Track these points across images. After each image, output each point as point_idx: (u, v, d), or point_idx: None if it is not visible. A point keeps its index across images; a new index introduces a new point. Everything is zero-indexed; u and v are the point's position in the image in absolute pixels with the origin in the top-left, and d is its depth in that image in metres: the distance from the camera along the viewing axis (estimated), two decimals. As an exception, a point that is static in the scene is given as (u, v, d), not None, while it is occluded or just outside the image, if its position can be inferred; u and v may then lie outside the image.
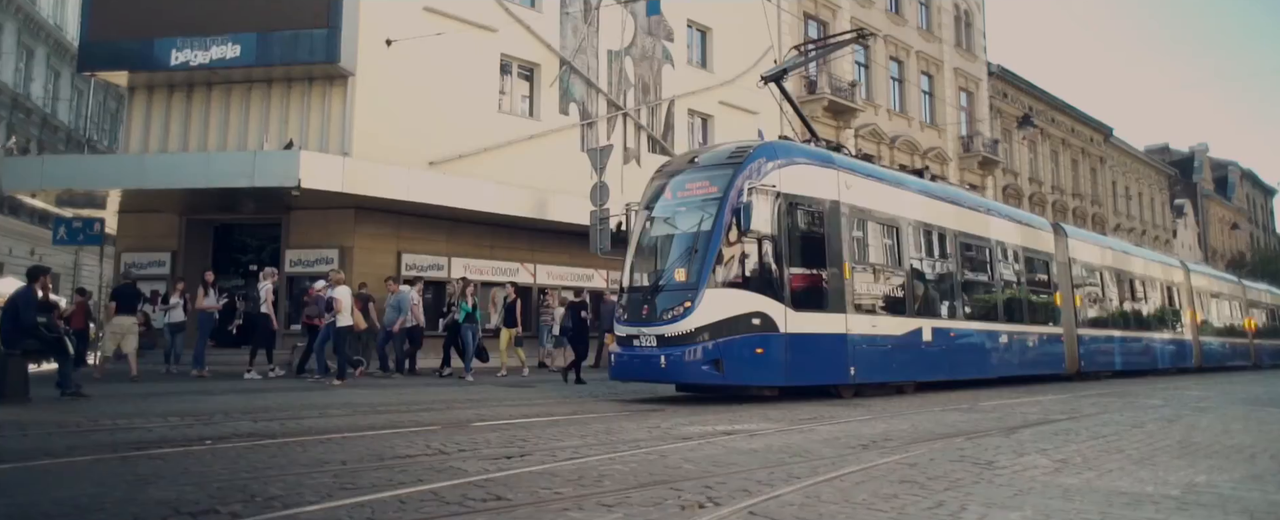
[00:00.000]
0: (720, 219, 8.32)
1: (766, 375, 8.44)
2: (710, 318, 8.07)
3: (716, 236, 8.31)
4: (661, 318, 8.33)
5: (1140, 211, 43.11)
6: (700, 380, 8.34)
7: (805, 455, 4.66)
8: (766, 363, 8.29)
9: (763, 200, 8.30)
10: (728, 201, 8.34)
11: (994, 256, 12.33)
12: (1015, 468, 4.25)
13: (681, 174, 9.21)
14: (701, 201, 8.66)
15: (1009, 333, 12.25)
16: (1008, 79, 32.73)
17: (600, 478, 3.86)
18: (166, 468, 4.13)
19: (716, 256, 8.25)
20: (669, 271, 8.66)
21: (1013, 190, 31.40)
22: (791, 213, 8.75)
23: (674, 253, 8.79)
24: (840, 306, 9.03)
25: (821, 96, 22.92)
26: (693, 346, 8.08)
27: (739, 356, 8.13)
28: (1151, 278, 18.24)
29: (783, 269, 8.53)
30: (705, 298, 8.13)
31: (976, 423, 6.69)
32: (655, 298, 8.56)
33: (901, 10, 27.75)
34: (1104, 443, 5.35)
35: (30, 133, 26.42)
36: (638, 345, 8.54)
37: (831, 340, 8.89)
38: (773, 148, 9.12)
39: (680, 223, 8.86)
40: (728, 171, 8.63)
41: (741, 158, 8.74)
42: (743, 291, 8.30)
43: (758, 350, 8.20)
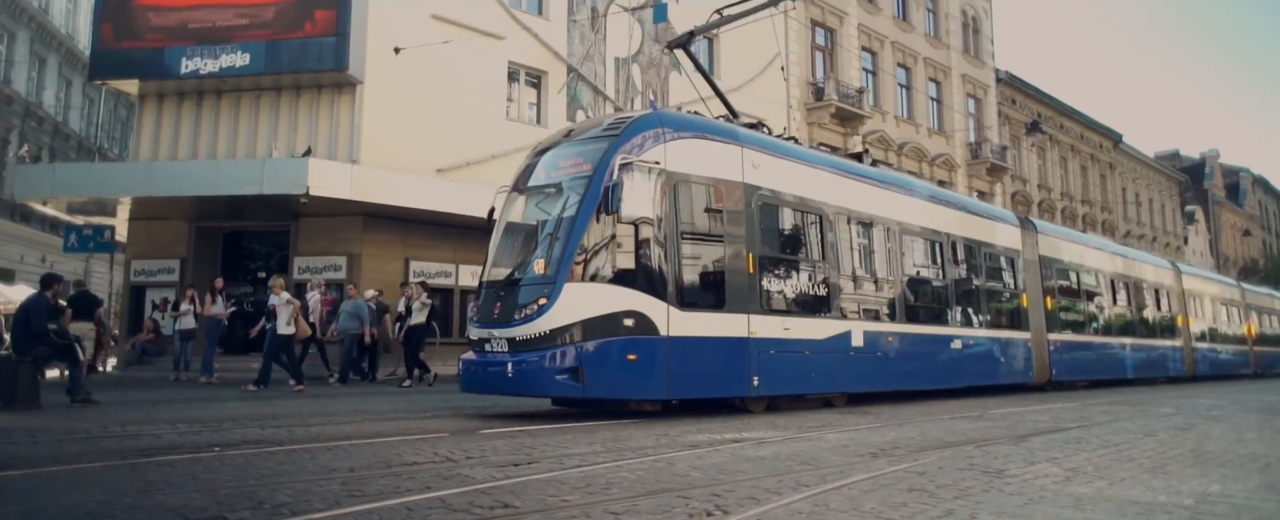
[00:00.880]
0: (587, 201, 7.11)
1: (641, 387, 7.21)
2: (569, 318, 6.87)
3: (581, 222, 7.08)
4: (513, 318, 7.12)
5: (1150, 218, 42.87)
6: (554, 393, 7.19)
7: (813, 463, 4.63)
8: (641, 372, 7.05)
9: (643, 179, 7.19)
10: (598, 181, 7.10)
11: (947, 252, 11.10)
12: (1025, 476, 4.21)
13: (553, 149, 7.99)
14: (570, 181, 7.43)
15: (964, 337, 11.05)
16: (1016, 85, 32.66)
17: (608, 485, 3.85)
18: (175, 474, 4.13)
19: (580, 245, 7.03)
20: (526, 264, 7.42)
21: (1021, 197, 31.28)
22: (681, 195, 7.50)
23: (532, 242, 7.59)
24: (743, 306, 7.77)
25: (829, 103, 22.92)
26: (547, 352, 6.89)
27: (604, 364, 6.90)
28: (1138, 279, 17.03)
29: (667, 261, 7.28)
30: (564, 294, 6.90)
31: (986, 430, 6.64)
32: (509, 294, 7.32)
33: (909, 17, 27.75)
34: (1115, 451, 5.31)
35: (42, 141, 26.64)
36: (489, 350, 7.34)
37: (729, 346, 7.64)
38: (658, 118, 7.85)
39: (546, 206, 7.63)
40: (602, 146, 7.40)
41: (619, 129, 7.55)
42: (612, 287, 7.08)
43: (629, 357, 6.97)
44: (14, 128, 25.09)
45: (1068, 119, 35.95)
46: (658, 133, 7.54)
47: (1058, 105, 35.23)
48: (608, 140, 7.47)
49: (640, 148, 7.36)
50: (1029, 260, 13.09)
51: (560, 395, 7.27)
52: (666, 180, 7.40)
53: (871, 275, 9.76)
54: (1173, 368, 17.52)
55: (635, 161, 7.21)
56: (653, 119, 7.80)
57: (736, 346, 7.70)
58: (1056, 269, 13.95)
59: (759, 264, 8.03)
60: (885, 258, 10.01)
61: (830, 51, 24.56)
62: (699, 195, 7.77)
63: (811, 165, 9.27)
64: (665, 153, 7.45)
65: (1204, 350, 19.59)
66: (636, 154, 7.28)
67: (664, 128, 7.64)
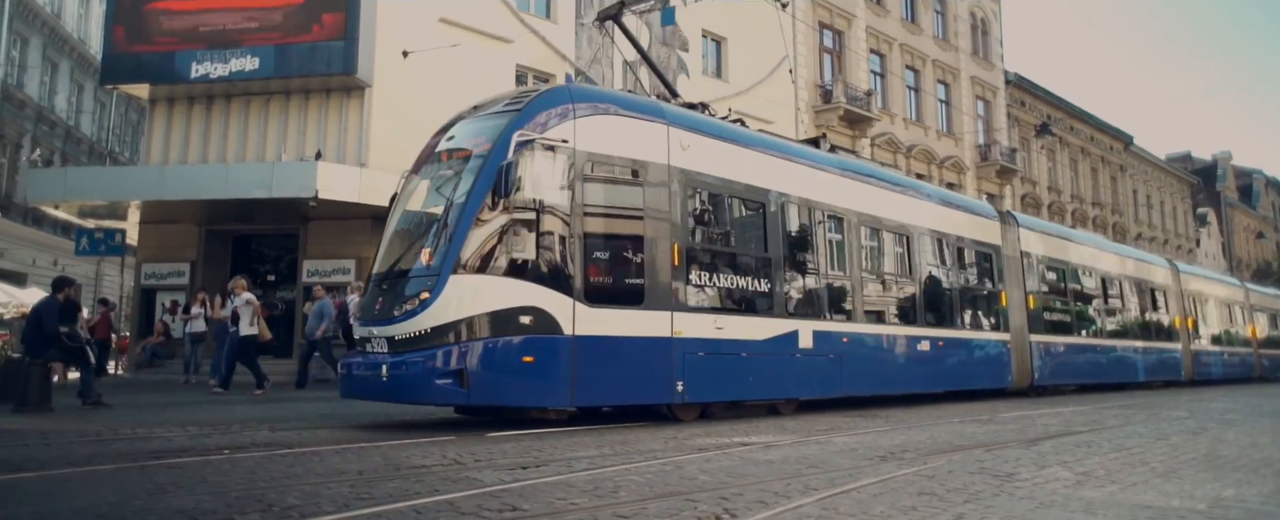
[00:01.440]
0: (480, 183, 6.38)
1: (540, 392, 6.50)
2: (454, 314, 6.15)
3: (472, 207, 6.34)
4: (393, 314, 6.41)
5: (1162, 221, 42.60)
6: (435, 399, 6.37)
7: (822, 466, 4.61)
8: (540, 376, 6.34)
9: (547, 159, 6.50)
10: (494, 160, 6.37)
11: (914, 246, 10.30)
12: (1036, 480, 4.18)
13: (456, 125, 7.35)
14: (466, 161, 6.75)
15: (933, 338, 10.19)
16: (1025, 87, 32.52)
17: (616, 489, 3.84)
18: (185, 476, 4.15)
19: (471, 233, 6.28)
20: (413, 253, 6.70)
21: (1031, 199, 31.14)
22: (593, 177, 6.80)
23: (423, 229, 6.87)
24: (665, 302, 7.02)
25: (837, 106, 22.88)
26: (428, 353, 6.14)
27: (494, 367, 6.19)
28: (1132, 278, 16.13)
29: (574, 251, 6.53)
30: (449, 287, 6.16)
31: (996, 434, 6.60)
32: (392, 288, 6.64)
33: (918, 19, 27.68)
34: (1127, 455, 5.27)
35: (54, 145, 26.84)
36: (369, 351, 6.66)
37: (649, 346, 6.89)
38: (568, 91, 7.12)
39: (441, 189, 6.94)
40: (501, 122, 6.71)
41: (521, 104, 6.84)
42: (507, 280, 6.29)
43: (525, 359, 6.26)
44: (27, 132, 25.30)
45: (1078, 121, 35.77)
46: (567, 108, 6.78)
47: (1068, 107, 35.06)
48: (508, 116, 6.73)
49: (545, 124, 6.61)
50: (1009, 256, 12.27)
51: (442, 401, 6.45)
52: (576, 161, 6.64)
53: (823, 270, 8.95)
54: (1170, 372, 16.77)
55: (538, 139, 6.46)
56: (562, 92, 7.05)
57: (657, 347, 6.95)
58: (1041, 266, 13.16)
59: (686, 256, 7.30)
60: (840, 251, 9.21)
61: (838, 54, 24.52)
62: (616, 177, 7.03)
63: (753, 148, 8.40)
64: (575, 130, 6.70)
65: (1205, 353, 18.77)
66: (540, 131, 6.53)
67: (575, 102, 6.89)
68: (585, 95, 7.24)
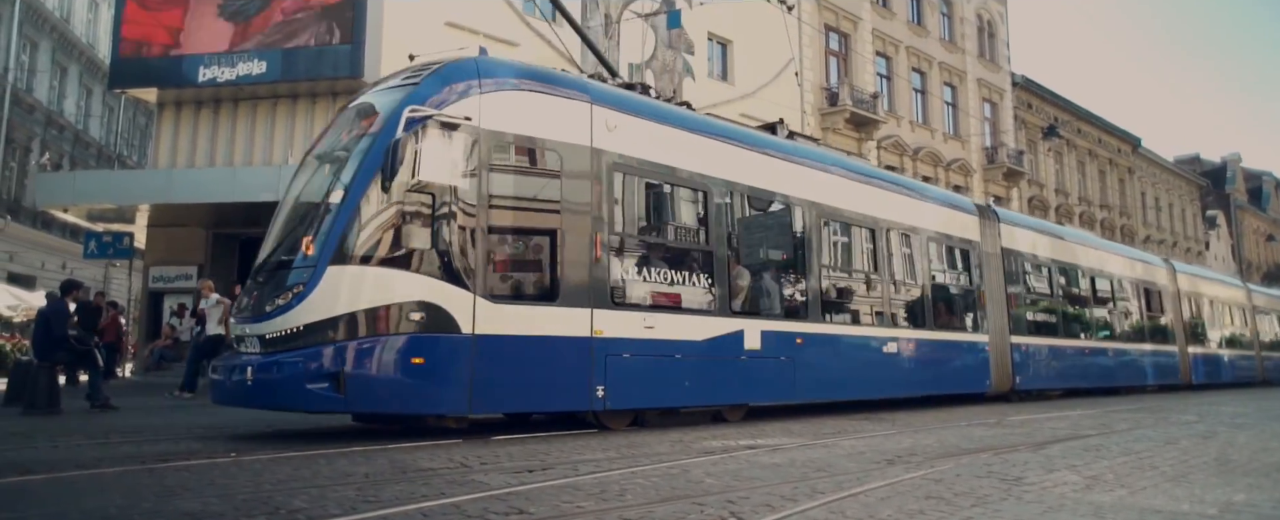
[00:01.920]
0: (367, 165, 5.83)
1: (431, 398, 5.86)
2: (331, 309, 5.55)
3: (356, 190, 5.79)
4: (265, 310, 5.81)
5: (1171, 223, 42.40)
6: (306, 405, 5.68)
7: (829, 470, 4.60)
8: (431, 379, 5.75)
9: (445, 138, 5.92)
10: (382, 139, 5.82)
11: (882, 241, 9.66)
12: (1044, 484, 4.16)
13: (354, 102, 6.87)
14: (356, 140, 6.18)
15: (902, 340, 9.60)
16: (1032, 89, 32.44)
17: (622, 492, 3.83)
18: (193, 479, 4.16)
19: (353, 220, 5.72)
20: (294, 243, 6.02)
21: (1038, 201, 31.03)
22: (500, 159, 6.21)
23: (305, 216, 6.22)
24: (585, 298, 6.41)
25: (843, 108, 22.85)
26: (300, 353, 5.55)
27: (377, 369, 5.61)
28: (1124, 277, 15.43)
29: (476, 241, 5.94)
30: (327, 279, 5.58)
31: (1004, 438, 6.57)
32: (268, 282, 6.07)
33: (924, 21, 27.65)
34: (1136, 459, 5.23)
35: (63, 149, 27.01)
36: (242, 351, 6.07)
37: (563, 347, 6.29)
38: (475, 64, 6.39)
39: (330, 172, 6.33)
40: (396, 97, 6.17)
41: (419, 78, 6.29)
42: (394, 271, 5.75)
43: (414, 360, 5.66)
44: (36, 136, 25.46)
45: (1085, 123, 35.65)
46: (471, 83, 6.16)
47: (1075, 109, 34.94)
48: (404, 90, 6.20)
49: (445, 100, 6.03)
50: (988, 253, 11.56)
51: (315, 407, 5.75)
52: (480, 141, 6.04)
53: (775, 265, 8.38)
54: (1165, 375, 16.12)
55: (435, 116, 5.90)
56: (467, 65, 6.36)
57: (573, 348, 6.34)
58: (1023, 264, 12.44)
59: (611, 248, 6.67)
60: (796, 245, 8.55)
61: (844, 56, 24.50)
62: (529, 160, 6.43)
63: (693, 131, 7.73)
64: (480, 106, 6.10)
65: (1203, 356, 18.11)
66: (438, 107, 5.96)
67: (482, 76, 6.23)
68: (495, 69, 6.45)
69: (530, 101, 6.50)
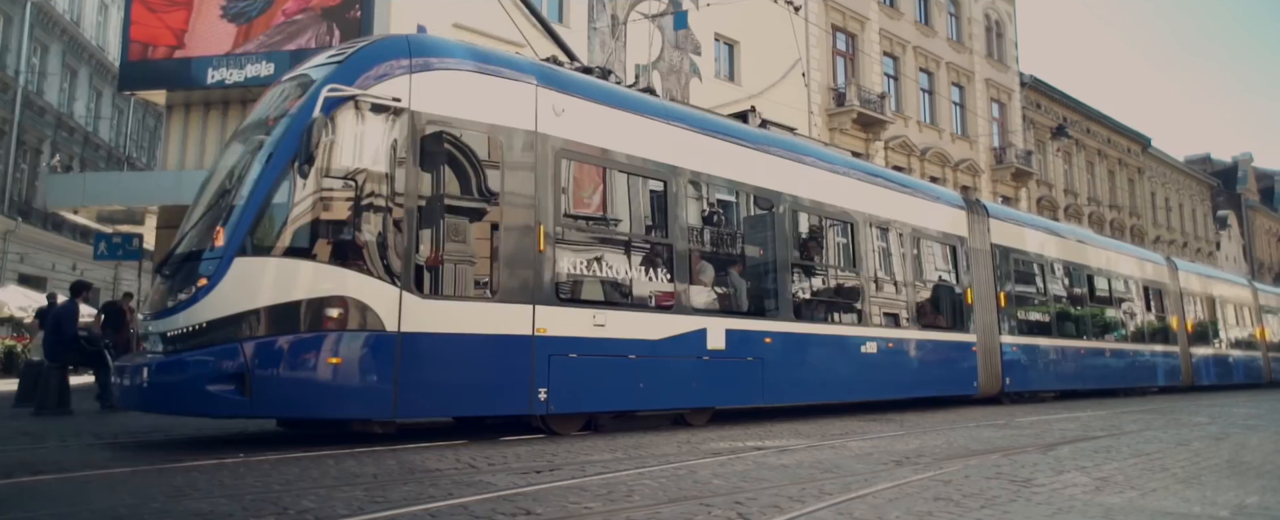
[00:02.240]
0: (281, 149, 5.41)
1: (350, 401, 5.40)
2: (237, 304, 5.13)
3: (268, 176, 5.38)
4: (168, 305, 5.41)
5: (1181, 223, 42.15)
6: (210, 409, 5.26)
7: (837, 471, 4.59)
8: (350, 380, 5.34)
9: (370, 120, 5.53)
10: (299, 121, 5.40)
11: (861, 236, 9.23)
12: (1053, 486, 4.14)
13: (282, 80, 6.48)
14: (276, 121, 5.75)
15: (882, 339, 9.16)
16: (1041, 89, 32.30)
17: (629, 493, 3.83)
18: (202, 479, 4.18)
19: (265, 208, 5.32)
20: (204, 233, 5.58)
21: (1047, 201, 30.89)
22: (434, 145, 5.80)
23: (217, 204, 5.74)
24: (526, 293, 6.01)
25: (850, 109, 22.80)
26: (202, 352, 5.12)
27: (288, 369, 5.18)
28: (1123, 275, 14.96)
29: (404, 232, 5.53)
30: (233, 272, 5.17)
31: (1012, 439, 6.54)
32: (174, 274, 5.62)
33: (931, 21, 27.56)
34: (1147, 461, 5.20)
35: (73, 151, 27.19)
36: (147, 350, 5.68)
37: (501, 346, 5.88)
38: (407, 42, 6.00)
39: (246, 157, 5.82)
40: (320, 75, 5.75)
41: (344, 56, 5.89)
42: (310, 264, 5.32)
43: (331, 360, 5.26)
44: (46, 138, 25.64)
45: (1094, 123, 35.48)
46: (402, 62, 5.76)
47: (1084, 109, 34.78)
48: (329, 69, 5.78)
49: (372, 79, 5.63)
50: (977, 249, 11.13)
51: (219, 412, 5.30)
52: (411, 124, 5.64)
53: (742, 260, 7.93)
54: (1165, 376, 15.69)
55: (360, 97, 5.51)
56: (397, 42, 6.00)
57: (512, 348, 5.92)
58: (1014, 260, 12.01)
59: (556, 240, 6.27)
60: (765, 239, 8.12)
61: (852, 56, 24.44)
62: (465, 146, 6.01)
63: (652, 117, 7.31)
64: (412, 87, 5.70)
65: (1206, 356, 17.60)
66: (364, 87, 5.57)
67: (414, 55, 5.83)
68: (429, 47, 6.04)
69: (468, 82, 6.06)
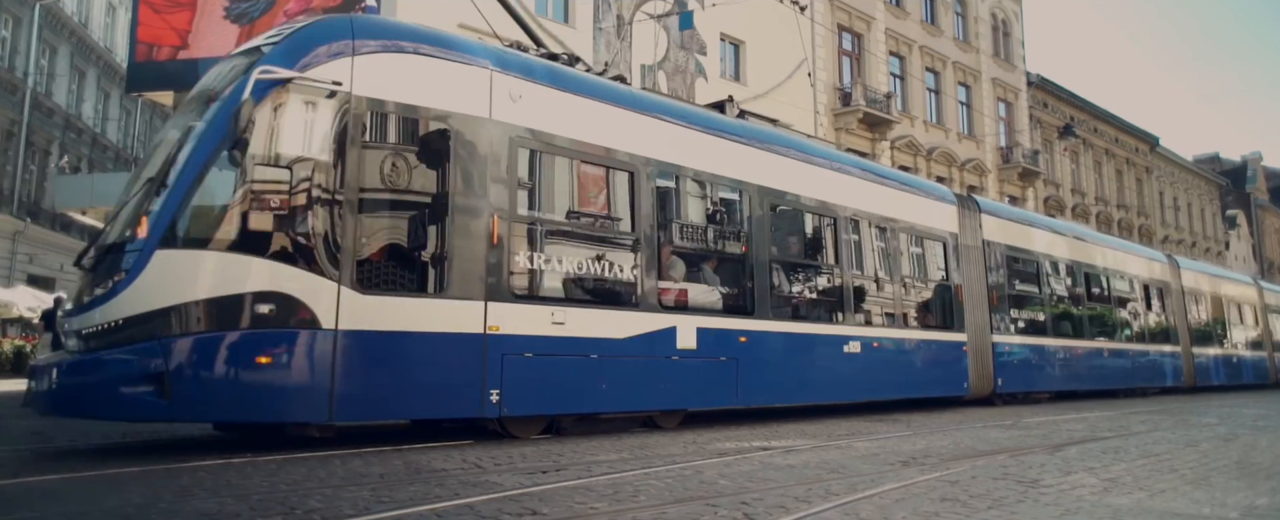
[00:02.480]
0: (209, 134, 5.12)
1: (281, 404, 5.06)
2: (157, 299, 4.80)
3: (194, 164, 5.06)
4: (84, 301, 5.09)
5: (1190, 223, 41.95)
6: (126, 413, 5.04)
7: (843, 472, 4.57)
8: (280, 381, 5.02)
9: (307, 105, 5.25)
10: (229, 105, 5.12)
11: (843, 231, 8.87)
12: (1061, 486, 4.12)
13: (223, 59, 6.16)
14: (207, 105, 5.39)
15: (866, 339, 8.81)
16: (1048, 89, 32.19)
17: (635, 493, 3.83)
18: (209, 479, 4.19)
19: (188, 197, 4.99)
20: (123, 222, 5.27)
21: (1054, 201, 30.78)
22: (377, 131, 5.53)
23: (144, 192, 5.31)
24: (478, 289, 5.70)
25: (856, 109, 22.76)
26: (118, 351, 4.80)
27: (213, 370, 4.87)
28: (1122, 272, 14.61)
29: (343, 223, 5.22)
30: (154, 265, 4.85)
31: (1020, 440, 6.52)
32: (95, 268, 5.26)
33: (938, 21, 27.49)
34: (1156, 461, 5.17)
35: (81, 152, 27.34)
36: (65, 348, 5.30)
37: (449, 345, 5.58)
38: (349, 23, 5.66)
39: (175, 142, 5.47)
40: (256, 57, 5.42)
41: (280, 37, 5.58)
42: (237, 256, 5.00)
43: (260, 359, 4.93)
44: (55, 139, 25.79)
45: (1102, 122, 35.34)
46: (344, 44, 5.44)
47: (1091, 108, 34.65)
48: (267, 49, 5.47)
49: (310, 62, 5.31)
50: (968, 246, 10.82)
51: (135, 415, 5.11)
52: (351, 109, 5.34)
53: (715, 255, 7.64)
54: (1166, 377, 15.35)
55: (296, 80, 5.21)
56: (339, 23, 5.65)
57: (461, 347, 5.61)
58: (1007, 257, 11.67)
59: (511, 233, 5.94)
60: (740, 234, 7.82)
61: (857, 56, 24.40)
62: (412, 133, 5.71)
63: (618, 105, 6.98)
64: (353, 70, 5.40)
65: (1209, 356, 17.20)
66: (303, 69, 5.26)
67: (357, 37, 5.51)
68: (373, 28, 5.73)
69: (417, 66, 5.75)
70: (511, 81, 6.17)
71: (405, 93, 5.64)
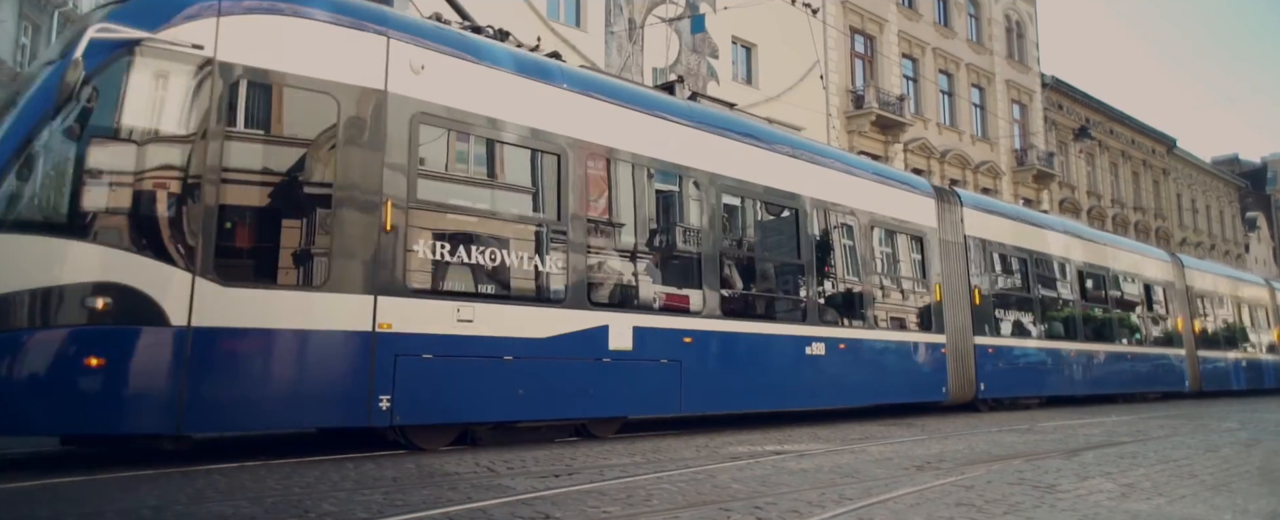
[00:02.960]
0: (34, 102, 4.60)
1: (117, 413, 4.45)
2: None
3: (13, 135, 4.50)
4: None
5: (1208, 225, 41.49)
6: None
7: (856, 476, 4.55)
8: (116, 386, 4.41)
9: (160, 70, 4.68)
10: (59, 70, 4.52)
11: (805, 224, 8.27)
12: (1078, 492, 4.07)
13: (71, 28, 5.66)
14: (43, 70, 4.85)
15: (830, 340, 8.22)
16: (1063, 90, 31.95)
17: (648, 497, 3.82)
18: (223, 482, 4.22)
19: (5, 172, 4.41)
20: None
21: (1070, 204, 30.54)
22: (246, 102, 4.93)
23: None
24: (365, 282, 5.11)
25: (869, 111, 22.68)
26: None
27: (27, 373, 4.30)
28: (1120, 272, 13.93)
29: (200, 205, 4.64)
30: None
31: (1035, 444, 6.45)
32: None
33: (951, 23, 27.36)
34: (1175, 467, 5.11)
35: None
36: None
37: (329, 345, 5.00)
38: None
39: (7, 110, 4.87)
40: (102, 15, 4.84)
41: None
42: (63, 241, 4.43)
43: (89, 361, 4.31)
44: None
45: (1117, 124, 35.03)
46: (208, 2, 4.84)
47: (1107, 110, 34.36)
48: (113, 9, 4.86)
49: (167, 21, 4.71)
50: (948, 241, 10.25)
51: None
52: (214, 77, 4.76)
53: (656, 248, 7.01)
54: (1169, 381, 14.71)
55: (148, 42, 4.63)
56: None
57: (344, 347, 5.02)
58: (993, 254, 11.15)
59: (409, 220, 5.33)
60: (686, 224, 7.25)
61: (870, 59, 24.32)
62: (289, 105, 5.09)
63: (538, 79, 6.34)
64: (219, 32, 4.81)
65: (1215, 360, 16.51)
66: (154, 29, 4.66)
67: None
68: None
69: (296, 30, 5.12)
70: (413, 51, 5.54)
71: (281, 59, 5.01)
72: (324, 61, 5.19)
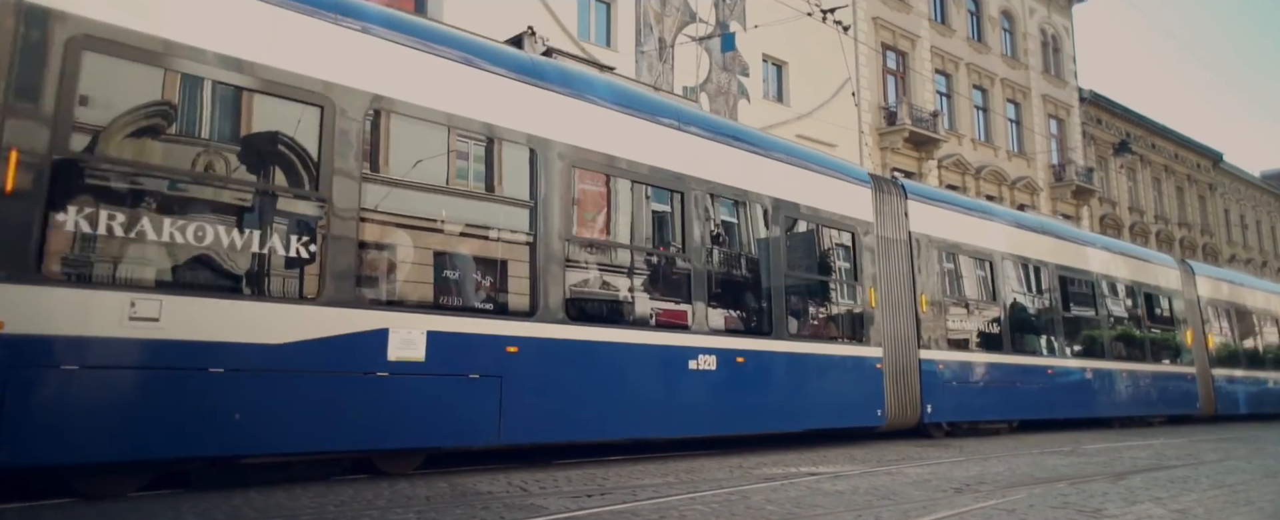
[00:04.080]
0: None
1: None
2: None
3: None
4: None
5: (1259, 241, 40.26)
6: None
7: (893, 498, 4.44)
8: None
9: None
10: None
11: (688, 206, 6.85)
12: (1125, 517, 3.93)
13: None
14: None
15: (724, 352, 6.80)
16: (1101, 104, 31.39)
17: (681, 518, 3.77)
18: (260, 500, 4.26)
19: None
20: None
21: (1111, 220, 29.86)
22: None
23: None
24: None
25: (902, 127, 22.49)
26: None
27: None
28: (1113, 278, 12.39)
29: None
30: None
31: (1080, 467, 6.26)
32: None
33: (984, 38, 27.10)
34: (1229, 493, 4.91)
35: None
36: None
37: None
38: None
39: None
40: None
41: None
42: None
43: None
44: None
45: (1160, 138, 34.28)
46: None
47: (1148, 124, 33.65)
48: None
49: None
50: (888, 239, 8.87)
51: None
52: None
53: (470, 232, 5.54)
54: (1175, 403, 13.04)
55: None
56: None
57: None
58: (945, 255, 9.60)
59: (45, 178, 3.90)
60: (510, 204, 5.76)
61: (902, 75, 24.15)
62: None
63: (297, 11, 4.88)
64: None
65: (1232, 379, 14.70)
66: None
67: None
68: None
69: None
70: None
71: None
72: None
